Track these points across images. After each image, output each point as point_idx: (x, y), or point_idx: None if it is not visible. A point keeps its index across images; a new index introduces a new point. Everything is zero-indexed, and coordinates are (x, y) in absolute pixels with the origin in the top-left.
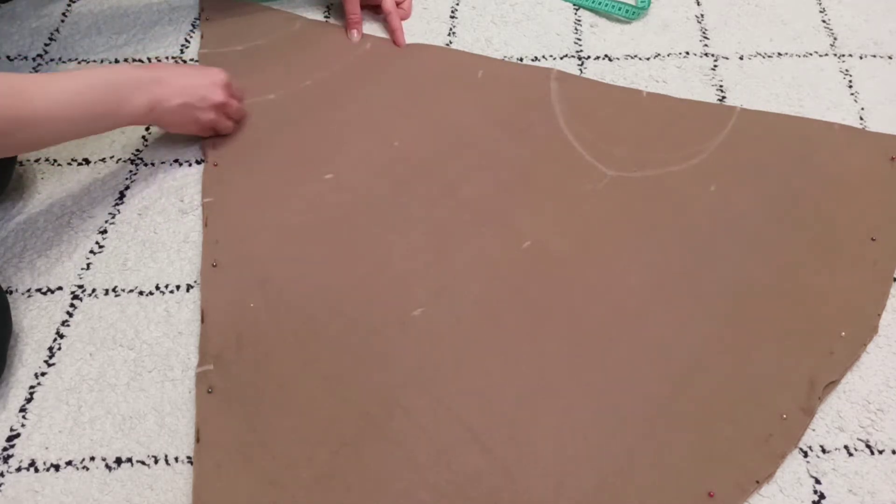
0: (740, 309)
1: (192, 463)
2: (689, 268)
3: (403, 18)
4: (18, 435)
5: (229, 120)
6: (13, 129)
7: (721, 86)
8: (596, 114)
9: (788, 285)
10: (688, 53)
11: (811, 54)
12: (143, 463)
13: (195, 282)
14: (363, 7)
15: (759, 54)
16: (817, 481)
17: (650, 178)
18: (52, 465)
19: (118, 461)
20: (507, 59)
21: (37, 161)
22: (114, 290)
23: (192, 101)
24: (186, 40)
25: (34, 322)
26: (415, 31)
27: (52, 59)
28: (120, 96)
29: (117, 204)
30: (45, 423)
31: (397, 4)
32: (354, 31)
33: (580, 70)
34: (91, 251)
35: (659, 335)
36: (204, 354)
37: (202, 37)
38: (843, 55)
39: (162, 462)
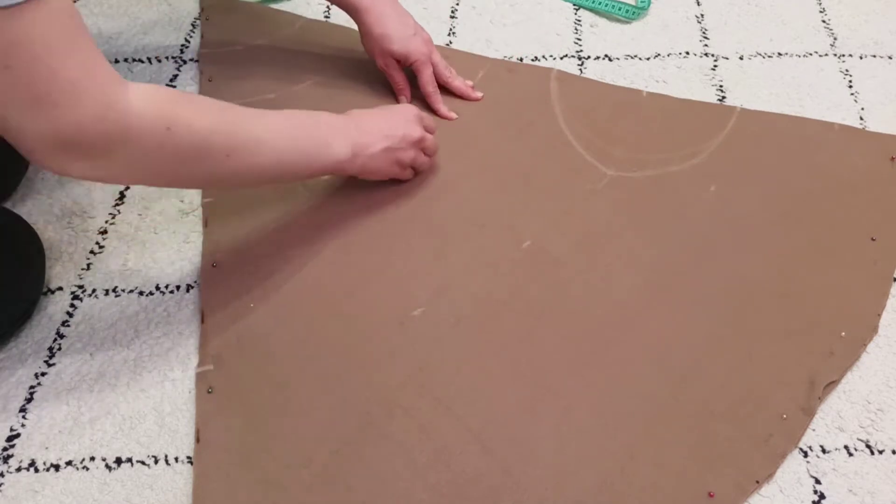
0: (740, 309)
1: (192, 463)
2: (689, 268)
3: (438, 97)
4: (18, 435)
5: (426, 156)
6: (231, 152)
7: (721, 86)
8: (596, 114)
9: (788, 285)
10: (688, 53)
11: (811, 54)
12: (143, 463)
13: (195, 282)
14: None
15: (759, 54)
16: (817, 481)
17: (650, 178)
18: (52, 465)
19: (118, 461)
20: (507, 59)
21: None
22: (114, 290)
23: (394, 144)
24: (186, 40)
25: (34, 322)
26: None
27: None
28: (325, 138)
29: (117, 204)
30: (45, 423)
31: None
32: (402, 98)
33: (580, 70)
34: (91, 251)
35: (659, 335)
36: (204, 354)
37: (202, 37)
38: (843, 55)
39: (162, 462)
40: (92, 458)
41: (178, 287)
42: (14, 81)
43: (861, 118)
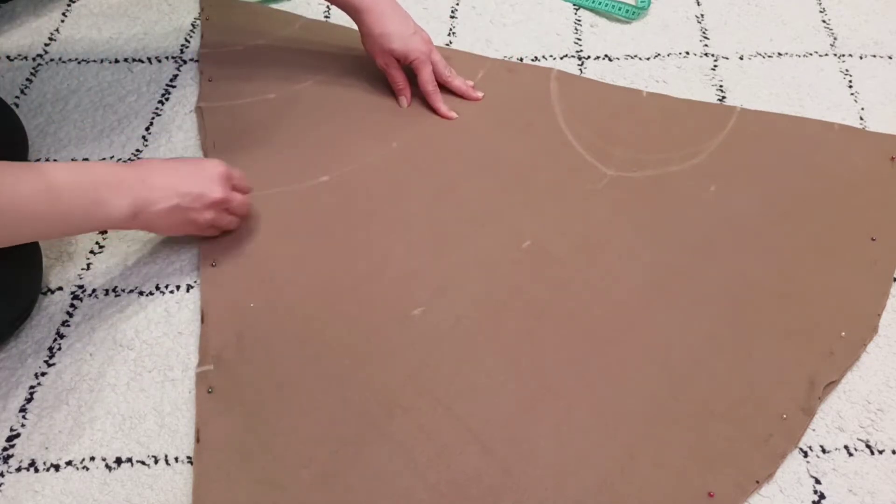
0: (740, 309)
1: (192, 463)
2: (689, 268)
3: (437, 96)
4: (18, 435)
5: (232, 215)
6: None
7: (721, 86)
8: (596, 114)
9: (788, 285)
10: (688, 53)
11: (811, 54)
12: (143, 463)
13: (195, 282)
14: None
15: (759, 54)
16: (817, 481)
17: (650, 178)
18: (52, 465)
19: (118, 461)
20: (507, 59)
21: (37, 161)
22: (114, 290)
23: (185, 203)
24: (186, 40)
25: (34, 322)
26: None
27: (52, 60)
28: (98, 197)
29: None
30: (45, 423)
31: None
32: (402, 98)
33: (580, 70)
34: (91, 251)
35: (659, 335)
36: (204, 354)
37: (202, 37)
38: (843, 55)
39: (162, 462)
40: (92, 458)
41: (178, 287)
42: None
43: (861, 118)
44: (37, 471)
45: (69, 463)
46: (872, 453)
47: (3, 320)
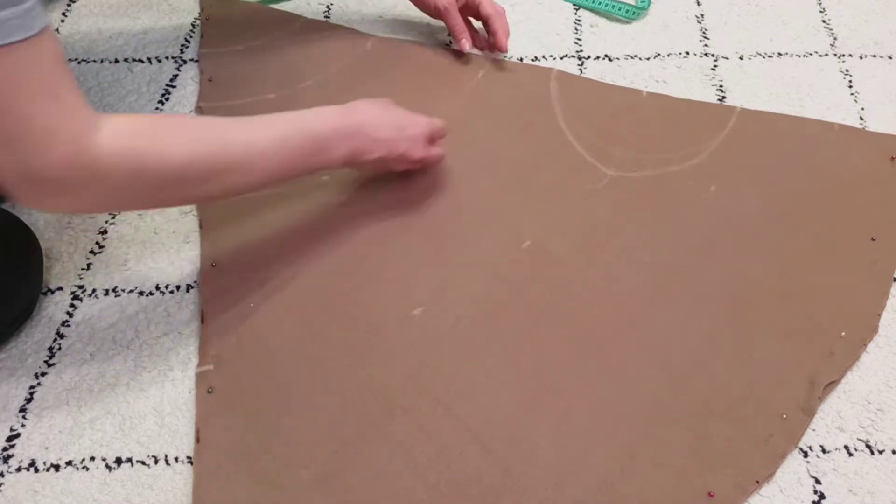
0: (740, 309)
1: (192, 463)
2: (689, 268)
3: (503, 26)
4: (18, 435)
5: (434, 151)
6: (213, 176)
7: (721, 86)
8: (596, 114)
9: (788, 285)
10: (688, 53)
11: (811, 54)
12: (143, 463)
13: (195, 282)
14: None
15: (759, 54)
16: (817, 481)
17: (650, 178)
18: (52, 465)
19: (118, 461)
20: (507, 59)
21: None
22: (114, 290)
23: (391, 157)
24: (186, 40)
25: (34, 322)
26: (415, 31)
27: None
28: (321, 146)
29: None
30: (45, 423)
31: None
32: (464, 41)
33: (580, 70)
34: (91, 251)
35: (659, 335)
36: (204, 354)
37: (202, 37)
38: (843, 55)
39: (162, 462)
40: (92, 458)
41: (178, 287)
42: None
43: (861, 118)
44: (37, 471)
45: (69, 463)
46: (872, 453)
47: (3, 320)
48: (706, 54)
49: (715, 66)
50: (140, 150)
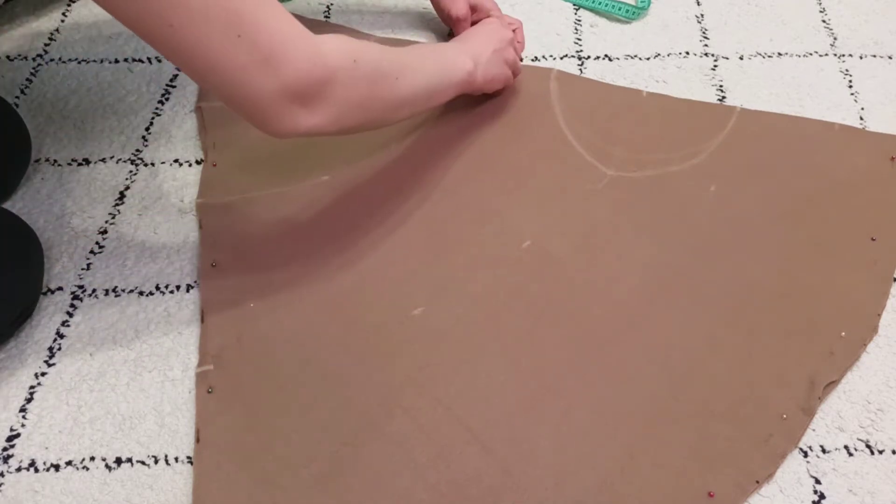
0: (740, 309)
1: (192, 463)
2: (689, 268)
3: (520, 49)
4: (18, 435)
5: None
6: (402, 71)
7: (721, 86)
8: (596, 114)
9: (788, 285)
10: (688, 53)
11: (811, 54)
12: (143, 463)
13: (195, 282)
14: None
15: (759, 54)
16: (817, 481)
17: (650, 178)
18: (52, 465)
19: (118, 461)
20: None
21: (37, 161)
22: (114, 290)
23: (498, 46)
24: None
25: (34, 322)
26: (415, 30)
27: (51, 59)
28: (452, 56)
29: (117, 204)
30: (45, 423)
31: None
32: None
33: (580, 70)
34: (91, 251)
35: (659, 335)
36: (204, 354)
37: None
38: (843, 55)
39: (162, 462)
40: (92, 458)
41: (178, 287)
42: (247, 48)
43: (861, 118)
44: (37, 471)
45: (69, 463)
46: (872, 453)
47: (3, 320)
48: (706, 54)
49: (715, 66)
50: (350, 49)
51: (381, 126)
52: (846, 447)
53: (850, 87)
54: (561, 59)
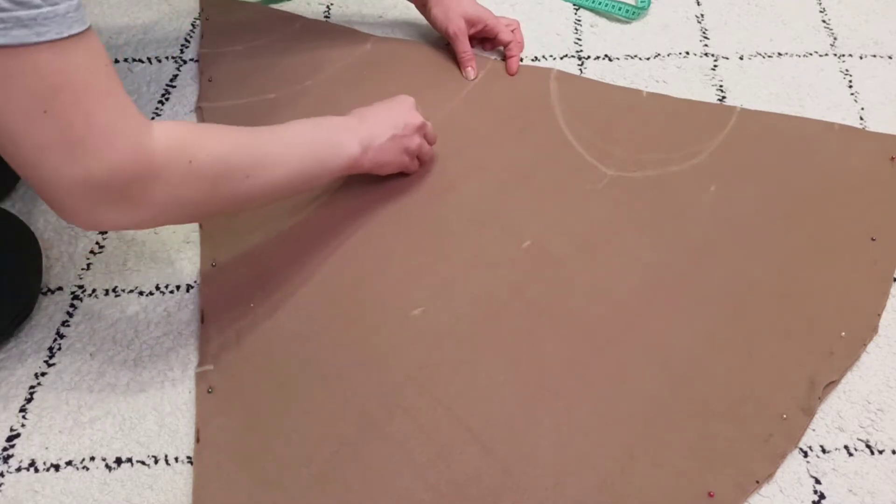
0: (740, 309)
1: (192, 463)
2: (689, 268)
3: (520, 49)
4: (18, 435)
5: (428, 144)
6: (254, 168)
7: (721, 86)
8: (596, 114)
9: (788, 285)
10: (688, 53)
11: (811, 54)
12: (143, 463)
13: (195, 282)
14: (473, 43)
15: (759, 54)
16: (817, 481)
17: (650, 178)
18: (52, 465)
19: (118, 461)
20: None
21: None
22: (114, 290)
23: (399, 132)
24: (186, 40)
25: (34, 322)
26: (415, 30)
27: None
28: (334, 138)
29: None
30: (45, 423)
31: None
32: (469, 69)
33: (580, 70)
34: (91, 251)
35: (659, 335)
36: (204, 354)
37: (202, 37)
38: (843, 55)
39: (162, 462)
40: (92, 458)
41: (178, 287)
42: (53, 126)
43: (861, 118)
44: (37, 471)
45: (69, 463)
46: (872, 453)
47: (2, 318)
48: (706, 54)
49: (715, 66)
50: (189, 143)
51: (235, 214)
52: (846, 447)
53: (850, 87)
54: (561, 59)
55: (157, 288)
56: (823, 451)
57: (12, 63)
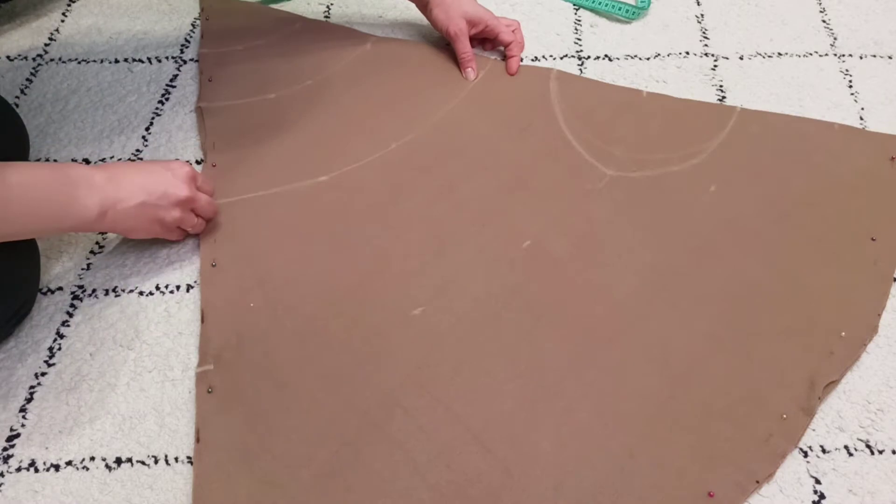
0: (740, 309)
1: (192, 463)
2: (689, 268)
3: (520, 50)
4: (18, 435)
5: (198, 217)
6: None
7: (721, 86)
8: (596, 114)
9: (788, 285)
10: (688, 53)
11: (811, 54)
12: (143, 463)
13: (195, 282)
14: (473, 43)
15: (759, 54)
16: (817, 481)
17: (650, 178)
18: (52, 465)
19: (118, 461)
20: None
21: (37, 161)
22: (114, 290)
23: (152, 200)
24: (186, 40)
25: (34, 322)
26: (416, 30)
27: (52, 59)
28: (69, 195)
29: None
30: (45, 423)
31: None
32: (469, 70)
33: (580, 70)
34: (91, 251)
35: (659, 335)
36: (204, 354)
37: (202, 37)
38: (843, 55)
39: (162, 462)
40: (92, 458)
41: (178, 287)
42: None
43: (861, 118)
44: (37, 471)
45: (69, 463)
46: (872, 453)
47: (2, 315)
48: (706, 54)
49: (715, 66)
50: None
51: None
52: (846, 447)
53: (850, 87)
54: (561, 59)
55: (157, 288)
56: (823, 451)
57: None
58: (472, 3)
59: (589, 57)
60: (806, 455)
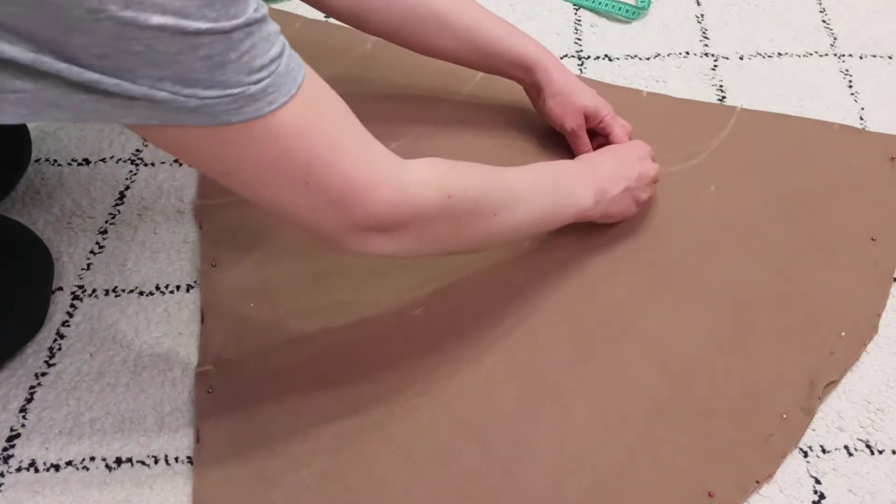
0: (740, 309)
1: (192, 463)
2: (689, 268)
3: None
4: (18, 435)
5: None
6: (501, 208)
7: (721, 86)
8: None
9: (788, 285)
10: (688, 53)
11: (811, 54)
12: (143, 463)
13: (195, 282)
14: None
15: (759, 54)
16: (817, 481)
17: None
18: (52, 465)
19: (118, 461)
20: None
21: (37, 161)
22: (114, 290)
23: (632, 185)
24: None
25: None
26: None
27: None
28: (570, 188)
29: (117, 204)
30: (45, 423)
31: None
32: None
33: (580, 70)
34: (91, 251)
35: (659, 334)
36: (204, 354)
37: None
38: (843, 55)
39: (162, 462)
40: (92, 458)
41: (178, 287)
42: (314, 193)
43: (861, 118)
44: (37, 471)
45: (69, 463)
46: (872, 453)
47: (16, 338)
48: (706, 54)
49: (715, 66)
50: (446, 181)
51: (476, 251)
52: (846, 447)
53: (850, 87)
54: (561, 59)
55: (157, 288)
56: (823, 451)
57: (249, 137)
58: (590, 93)
59: (589, 57)
60: (806, 455)
